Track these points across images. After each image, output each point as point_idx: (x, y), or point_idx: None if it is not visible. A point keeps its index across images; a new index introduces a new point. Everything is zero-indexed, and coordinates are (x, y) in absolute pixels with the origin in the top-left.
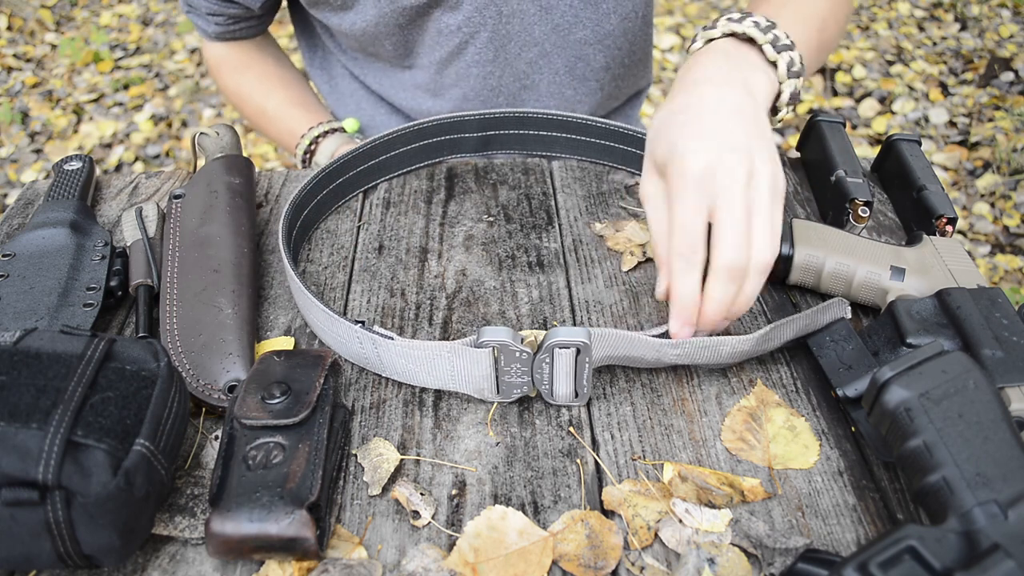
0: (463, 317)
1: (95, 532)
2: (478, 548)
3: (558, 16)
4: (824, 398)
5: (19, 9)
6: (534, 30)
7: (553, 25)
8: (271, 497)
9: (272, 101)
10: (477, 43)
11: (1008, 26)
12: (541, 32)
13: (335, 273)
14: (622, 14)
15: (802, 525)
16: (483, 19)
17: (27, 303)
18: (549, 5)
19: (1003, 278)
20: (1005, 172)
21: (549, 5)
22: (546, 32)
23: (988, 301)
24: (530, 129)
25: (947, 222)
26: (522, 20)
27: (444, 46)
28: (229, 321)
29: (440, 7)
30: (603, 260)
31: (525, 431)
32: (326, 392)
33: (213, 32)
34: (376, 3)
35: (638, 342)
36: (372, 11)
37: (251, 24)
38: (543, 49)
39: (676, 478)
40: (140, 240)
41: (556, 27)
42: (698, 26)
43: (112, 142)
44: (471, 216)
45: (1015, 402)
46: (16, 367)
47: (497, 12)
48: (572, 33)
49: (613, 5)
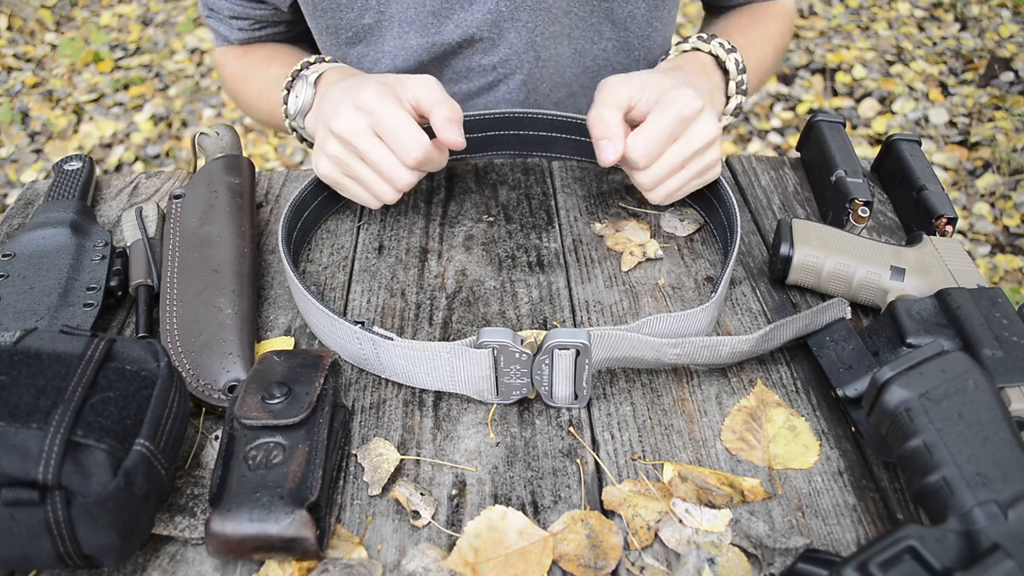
0: (463, 317)
1: (95, 532)
2: (478, 548)
3: (590, 59)
4: (824, 398)
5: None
6: (566, 72)
7: (584, 67)
8: (271, 497)
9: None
10: (511, 84)
11: (1008, 26)
12: (572, 74)
13: (335, 273)
14: (650, 60)
15: (802, 525)
16: (520, 62)
17: (27, 303)
18: (583, 49)
19: (1003, 278)
20: (1005, 172)
21: (583, 49)
22: (576, 74)
23: (988, 301)
24: (530, 129)
25: (947, 222)
26: (557, 63)
27: (474, 81)
28: (229, 321)
29: (473, 48)
30: (603, 260)
31: (525, 431)
32: (326, 392)
33: (236, 39)
34: (399, 36)
35: (637, 342)
36: (391, 45)
37: (279, 31)
38: (571, 90)
39: (676, 478)
40: (140, 240)
41: (587, 69)
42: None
43: (112, 142)
44: (471, 216)
45: (1015, 402)
46: (16, 367)
47: (535, 56)
48: (602, 76)
49: (643, 52)
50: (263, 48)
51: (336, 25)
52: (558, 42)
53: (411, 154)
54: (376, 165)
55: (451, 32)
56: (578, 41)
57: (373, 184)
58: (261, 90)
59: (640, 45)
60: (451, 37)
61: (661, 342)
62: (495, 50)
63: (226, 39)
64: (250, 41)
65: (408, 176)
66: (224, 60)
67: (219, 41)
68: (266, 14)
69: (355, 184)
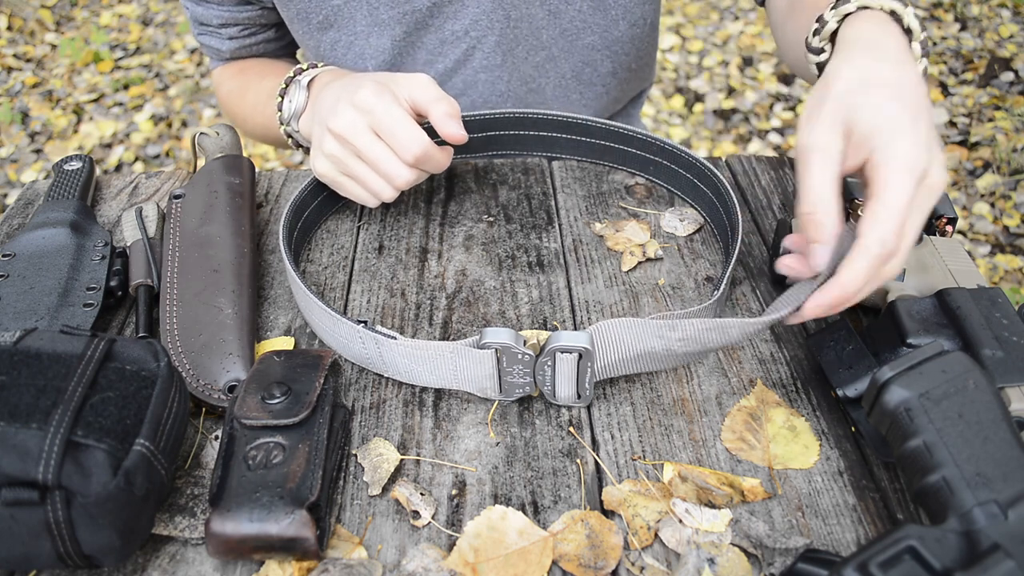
0: (463, 317)
1: (95, 532)
2: (478, 548)
3: (566, 21)
4: (824, 398)
5: (19, 9)
6: (542, 34)
7: (561, 30)
8: (271, 497)
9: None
10: (485, 47)
11: (1008, 26)
12: (549, 36)
13: (335, 273)
14: (631, 20)
15: (802, 525)
16: (491, 23)
17: (27, 303)
18: (557, 9)
19: (1003, 278)
20: (1005, 172)
21: (557, 9)
22: (554, 36)
23: (988, 301)
24: (530, 129)
25: (947, 222)
26: (530, 24)
27: (449, 55)
28: (229, 321)
29: (443, 14)
30: (603, 260)
31: (525, 431)
32: (326, 392)
33: (228, 49)
34: (370, 13)
35: (642, 328)
36: (362, 24)
37: (269, 37)
38: (550, 53)
39: (676, 478)
40: (140, 240)
41: (564, 31)
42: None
43: (112, 142)
44: (471, 216)
45: (1015, 402)
46: (16, 367)
47: (504, 16)
48: (580, 38)
49: (622, 12)
50: (258, 64)
51: (306, 9)
52: (529, 2)
53: (410, 151)
54: (374, 163)
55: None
56: (551, 2)
57: (371, 182)
58: (256, 103)
59: (616, 4)
60: (420, 3)
61: (662, 324)
62: (464, 11)
63: (219, 54)
64: (242, 52)
65: (406, 174)
66: (220, 80)
67: (214, 61)
68: (253, 15)
69: (352, 183)
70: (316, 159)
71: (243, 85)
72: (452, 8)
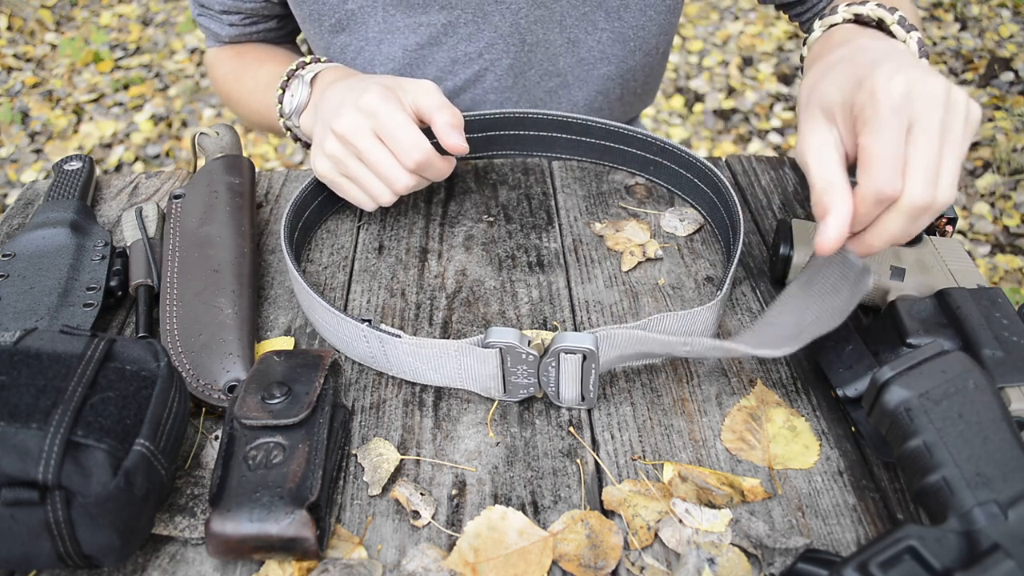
0: (463, 317)
1: (95, 532)
2: (478, 548)
3: (584, 50)
4: (824, 398)
5: (19, 9)
6: (558, 60)
7: (579, 59)
8: (271, 497)
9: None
10: (497, 70)
11: (1008, 26)
12: (565, 64)
13: (335, 273)
14: (646, 50)
15: (802, 525)
16: (506, 46)
17: (27, 303)
18: (577, 38)
19: (1003, 278)
20: (1005, 172)
21: (577, 38)
22: (570, 64)
23: (988, 301)
24: (530, 129)
25: (947, 222)
26: (546, 50)
27: (460, 75)
28: (229, 321)
29: (457, 34)
30: (603, 260)
31: (525, 431)
32: (326, 392)
33: (227, 34)
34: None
35: (647, 340)
36: (375, 31)
37: (270, 27)
38: (565, 80)
39: (676, 478)
40: (140, 240)
41: (581, 60)
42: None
43: (112, 142)
44: (471, 216)
45: (1015, 402)
46: (16, 367)
47: (520, 40)
48: (596, 68)
49: (639, 43)
50: (255, 49)
51: (319, 11)
52: (548, 28)
53: (411, 156)
54: (375, 166)
55: (436, 15)
56: (571, 30)
57: (371, 185)
58: (253, 89)
59: (635, 36)
60: (436, 19)
61: (671, 340)
62: (479, 35)
63: (217, 37)
64: (241, 38)
65: (406, 179)
66: (216, 61)
67: (210, 41)
68: (257, 7)
69: (352, 185)
70: (317, 158)
71: (240, 68)
72: (467, 30)
